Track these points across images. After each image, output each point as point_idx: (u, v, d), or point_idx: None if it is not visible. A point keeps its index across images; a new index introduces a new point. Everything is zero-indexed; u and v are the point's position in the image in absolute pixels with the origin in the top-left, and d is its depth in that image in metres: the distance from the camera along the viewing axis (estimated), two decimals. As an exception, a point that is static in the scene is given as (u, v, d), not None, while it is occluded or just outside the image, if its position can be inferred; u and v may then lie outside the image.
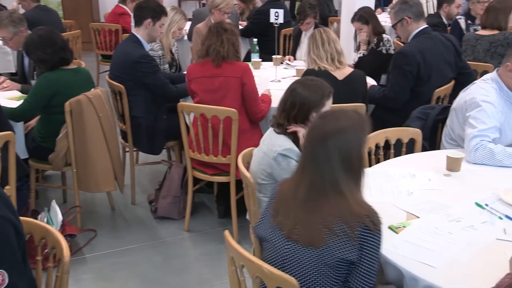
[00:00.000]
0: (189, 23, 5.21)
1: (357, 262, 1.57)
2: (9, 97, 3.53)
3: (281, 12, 3.94)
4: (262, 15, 5.26)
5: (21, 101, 3.22)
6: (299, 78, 2.58)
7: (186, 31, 5.18)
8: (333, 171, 1.63)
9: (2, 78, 3.75)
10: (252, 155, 2.47)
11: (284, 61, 4.59)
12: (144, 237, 3.36)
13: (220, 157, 3.16)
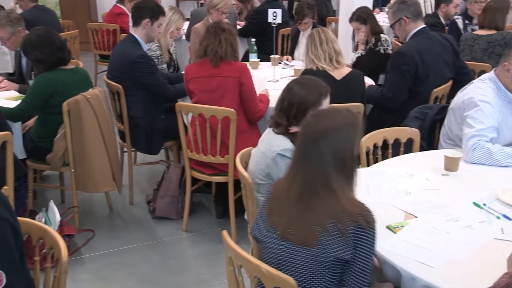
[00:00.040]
0: (187, 23, 5.21)
1: (351, 261, 1.57)
2: (7, 97, 3.52)
3: (279, 12, 3.93)
4: (260, 15, 5.26)
5: (19, 101, 3.22)
6: (296, 77, 2.58)
7: (184, 31, 5.18)
8: (325, 170, 1.62)
9: (0, 78, 3.75)
10: (250, 155, 2.47)
11: (282, 61, 4.59)
12: (142, 237, 3.36)
13: (218, 157, 3.16)
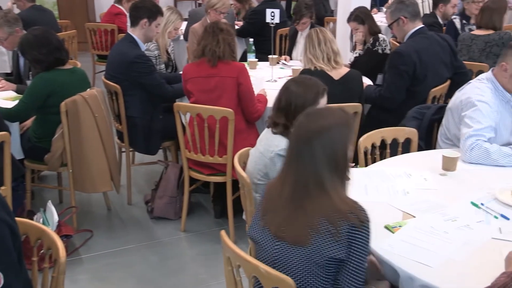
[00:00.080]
0: (185, 23, 5.20)
1: (346, 259, 1.57)
2: (4, 97, 3.52)
3: (277, 12, 3.93)
4: (258, 15, 5.26)
5: (16, 101, 3.21)
6: (293, 77, 2.58)
7: (182, 31, 5.18)
8: (318, 169, 1.61)
9: (-3, 78, 3.74)
10: (249, 155, 2.47)
11: (280, 61, 4.59)
12: (140, 238, 3.35)
13: (217, 157, 3.15)
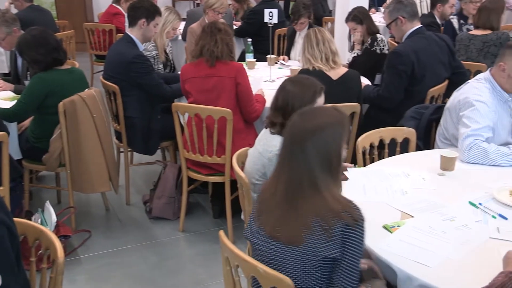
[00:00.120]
0: (183, 23, 5.20)
1: (340, 258, 1.56)
2: (2, 98, 3.51)
3: (275, 12, 3.94)
4: (256, 15, 5.27)
5: (14, 102, 3.21)
6: (290, 77, 2.58)
7: (180, 31, 5.18)
8: (310, 169, 1.61)
9: (-5, 79, 3.74)
10: (247, 155, 2.47)
11: (279, 61, 4.59)
12: (139, 238, 3.35)
13: (215, 157, 3.15)
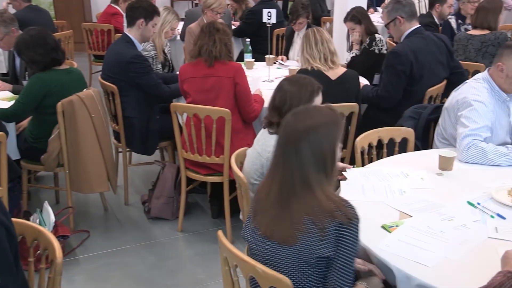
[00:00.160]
0: (181, 23, 5.20)
1: (334, 258, 1.57)
2: (0, 98, 3.50)
3: (273, 12, 3.94)
4: (254, 15, 5.26)
5: (12, 102, 3.20)
6: (287, 76, 2.58)
7: (178, 31, 5.18)
8: (304, 168, 1.61)
9: (-7, 79, 3.74)
10: (245, 155, 2.47)
11: (277, 61, 4.60)
12: (138, 238, 3.35)
13: (213, 157, 3.15)
